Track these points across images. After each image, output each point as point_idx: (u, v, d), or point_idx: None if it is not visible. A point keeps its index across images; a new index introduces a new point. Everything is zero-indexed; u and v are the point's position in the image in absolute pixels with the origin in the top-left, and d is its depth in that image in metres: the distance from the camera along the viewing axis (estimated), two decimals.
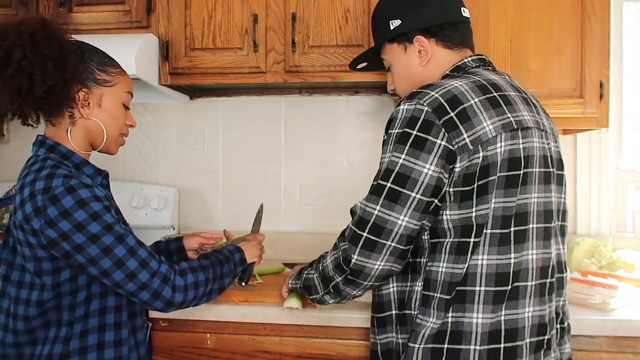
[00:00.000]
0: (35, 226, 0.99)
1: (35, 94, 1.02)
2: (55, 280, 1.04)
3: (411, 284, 1.03)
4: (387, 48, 1.19)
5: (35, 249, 1.01)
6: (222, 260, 1.22)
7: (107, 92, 1.14)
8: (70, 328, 1.06)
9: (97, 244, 1.00)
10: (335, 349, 1.36)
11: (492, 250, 0.95)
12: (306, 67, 1.68)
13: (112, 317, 1.11)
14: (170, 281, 1.07)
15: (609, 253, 1.71)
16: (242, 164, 2.08)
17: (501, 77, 1.07)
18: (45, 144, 1.10)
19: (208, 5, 1.72)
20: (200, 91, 2.06)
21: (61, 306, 1.06)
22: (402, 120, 0.99)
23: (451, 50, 1.12)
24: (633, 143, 1.94)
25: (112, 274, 1.02)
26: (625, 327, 1.29)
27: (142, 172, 2.12)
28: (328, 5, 1.68)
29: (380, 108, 2.02)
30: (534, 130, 1.00)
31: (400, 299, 1.05)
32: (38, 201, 0.99)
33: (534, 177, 0.99)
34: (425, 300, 0.99)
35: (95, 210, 1.01)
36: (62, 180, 1.01)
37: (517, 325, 0.96)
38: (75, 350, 1.06)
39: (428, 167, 0.95)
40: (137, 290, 1.04)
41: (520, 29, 1.60)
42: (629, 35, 1.91)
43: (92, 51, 1.14)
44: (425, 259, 1.01)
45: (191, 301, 1.12)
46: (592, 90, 1.58)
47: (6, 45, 1.01)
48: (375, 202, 0.97)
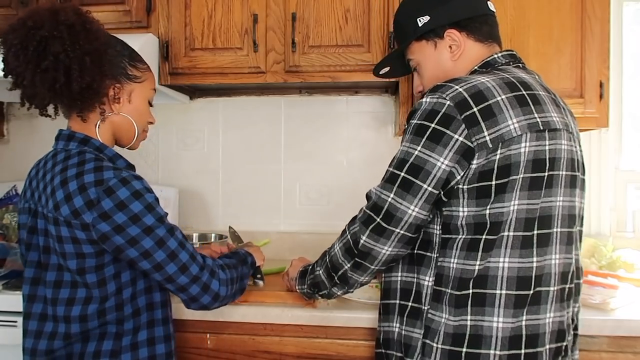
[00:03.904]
0: (87, 220, 0.96)
1: (73, 90, 0.99)
2: (99, 277, 1.01)
3: (420, 277, 1.02)
4: (414, 47, 1.16)
5: (81, 245, 0.98)
6: (242, 262, 1.23)
7: (136, 88, 1.12)
8: (121, 325, 1.04)
9: (152, 236, 0.99)
10: (335, 349, 1.36)
11: (514, 253, 0.94)
12: (306, 67, 1.68)
13: (159, 313, 1.10)
14: (217, 274, 1.07)
15: (609, 253, 1.71)
16: (242, 164, 2.09)
17: (531, 76, 1.06)
18: (75, 138, 1.06)
19: (208, 5, 1.72)
20: (200, 91, 2.07)
21: (106, 309, 1.03)
22: (423, 112, 0.98)
23: (482, 44, 1.11)
24: (633, 143, 1.94)
25: (165, 267, 1.00)
26: (625, 327, 1.29)
27: (142, 172, 2.10)
28: (328, 5, 1.68)
29: (380, 108, 2.02)
30: (562, 133, 0.99)
31: (405, 289, 1.05)
32: (91, 194, 0.96)
33: (560, 180, 0.97)
34: (436, 296, 0.99)
35: (149, 202, 1.00)
36: (114, 173, 0.99)
37: (538, 331, 0.94)
38: (127, 346, 1.05)
39: (442, 161, 0.95)
40: (189, 283, 1.03)
41: (520, 28, 1.60)
42: (629, 35, 1.91)
43: (124, 46, 1.12)
44: (436, 254, 1.01)
45: (229, 297, 1.11)
46: (592, 90, 1.58)
47: (41, 34, 0.96)
48: (389, 189, 0.98)
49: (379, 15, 1.66)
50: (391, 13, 1.66)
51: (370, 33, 1.66)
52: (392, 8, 1.65)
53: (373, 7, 1.67)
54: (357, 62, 1.66)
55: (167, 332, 1.12)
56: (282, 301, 1.38)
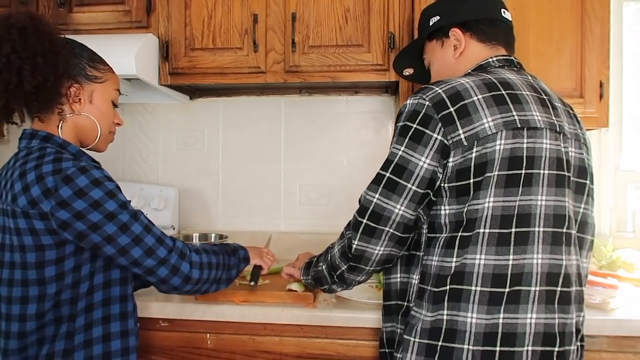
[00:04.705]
0: (45, 209, 0.97)
1: (25, 89, 1.00)
2: (58, 270, 1.01)
3: (411, 276, 1.06)
4: (427, 47, 1.24)
5: (40, 236, 0.98)
6: (229, 252, 1.25)
7: (97, 89, 1.13)
8: (72, 322, 1.04)
9: (114, 222, 1.00)
10: (335, 349, 1.36)
11: (489, 250, 0.95)
12: (306, 67, 1.69)
13: (117, 308, 1.10)
14: (187, 257, 1.09)
15: (609, 253, 1.71)
16: (242, 164, 2.09)
17: (522, 77, 1.07)
18: (37, 136, 1.08)
19: (208, 5, 1.72)
20: (200, 91, 2.06)
21: (61, 301, 1.03)
22: (406, 114, 1.02)
23: (484, 45, 1.14)
24: (633, 143, 1.93)
25: (130, 250, 1.02)
26: (625, 327, 1.29)
27: (142, 172, 2.12)
28: (328, 5, 1.68)
29: (380, 108, 2.02)
30: (544, 131, 0.99)
31: (402, 289, 1.08)
32: (48, 182, 0.97)
33: (541, 178, 0.97)
34: (420, 294, 1.02)
35: (110, 189, 1.02)
36: (72, 163, 1.00)
37: (516, 330, 0.94)
38: (80, 344, 1.04)
39: (424, 160, 0.97)
40: (156, 266, 1.04)
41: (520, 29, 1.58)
42: (629, 35, 1.91)
43: (82, 47, 1.14)
44: (422, 252, 1.03)
45: (205, 282, 1.12)
46: (592, 90, 1.58)
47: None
48: (374, 190, 1.01)
49: (379, 16, 1.66)
50: (391, 13, 1.66)
51: (370, 33, 1.66)
52: (392, 8, 1.66)
53: (373, 7, 1.67)
54: (357, 62, 1.66)
55: (125, 327, 1.10)
56: (282, 301, 1.38)
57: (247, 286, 1.43)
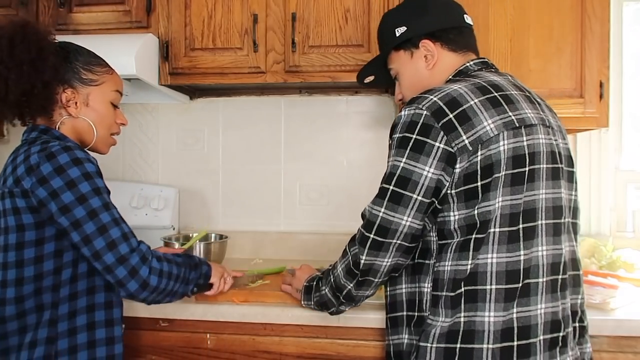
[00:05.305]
0: (27, 186, 0.98)
1: (10, 99, 1.03)
2: (37, 253, 1.01)
3: (421, 285, 1.05)
4: (393, 56, 1.22)
5: (21, 215, 0.99)
6: (191, 265, 1.20)
7: (94, 91, 1.14)
8: (55, 310, 1.03)
9: (84, 206, 0.99)
10: (335, 349, 1.36)
11: (501, 249, 0.96)
12: (306, 67, 1.68)
13: (102, 297, 1.09)
14: (148, 261, 1.05)
15: (609, 253, 1.71)
16: (242, 164, 2.08)
17: (503, 77, 1.09)
18: (37, 128, 1.10)
19: (208, 5, 1.72)
20: (200, 91, 2.07)
21: (43, 288, 1.02)
22: (403, 125, 1.02)
23: (456, 54, 1.15)
24: (633, 143, 1.94)
25: (93, 240, 1.00)
26: (625, 327, 1.29)
27: (142, 172, 2.12)
28: (328, 5, 1.68)
29: (380, 108, 2.02)
30: (538, 127, 1.01)
31: (410, 300, 1.07)
32: (32, 160, 0.99)
33: (541, 173, 0.99)
34: (435, 301, 1.01)
35: (88, 171, 1.02)
36: (59, 143, 1.02)
37: (529, 323, 0.96)
38: (64, 332, 1.03)
39: (428, 170, 0.97)
40: (115, 263, 1.01)
41: (520, 29, 1.60)
42: (629, 35, 1.91)
43: (77, 51, 1.14)
44: (433, 260, 1.03)
45: (161, 292, 1.08)
46: (592, 90, 1.58)
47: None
48: (380, 204, 1.01)
49: (378, 16, 1.66)
50: None
51: (370, 33, 1.66)
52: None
53: (373, 7, 1.67)
54: (357, 62, 1.66)
55: (110, 316, 1.10)
56: (282, 301, 1.38)
57: (247, 286, 1.42)
